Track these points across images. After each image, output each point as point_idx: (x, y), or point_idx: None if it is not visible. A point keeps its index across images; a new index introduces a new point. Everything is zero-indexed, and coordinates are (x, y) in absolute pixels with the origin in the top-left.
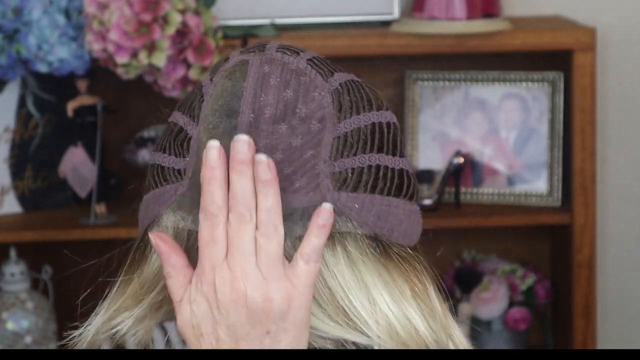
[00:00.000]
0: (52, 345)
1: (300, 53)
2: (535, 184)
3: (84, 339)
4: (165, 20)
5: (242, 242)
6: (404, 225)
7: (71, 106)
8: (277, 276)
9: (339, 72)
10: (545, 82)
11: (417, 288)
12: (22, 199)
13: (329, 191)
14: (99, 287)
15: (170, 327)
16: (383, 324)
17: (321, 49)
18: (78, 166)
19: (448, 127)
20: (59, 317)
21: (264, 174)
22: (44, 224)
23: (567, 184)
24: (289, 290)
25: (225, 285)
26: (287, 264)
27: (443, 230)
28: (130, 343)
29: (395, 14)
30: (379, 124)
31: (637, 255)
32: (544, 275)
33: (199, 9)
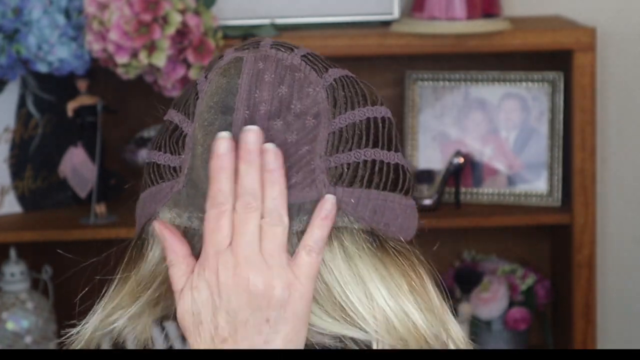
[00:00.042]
0: (52, 345)
1: (295, 49)
2: (535, 184)
3: (81, 337)
4: (165, 20)
5: (247, 229)
6: (400, 219)
7: (71, 106)
8: (280, 265)
9: (333, 67)
10: (545, 82)
11: (414, 282)
12: (22, 199)
13: (325, 186)
14: (97, 286)
15: (169, 325)
16: (380, 319)
17: (321, 49)
18: (78, 166)
19: (448, 127)
20: (59, 317)
21: (271, 163)
22: (44, 224)
23: (567, 184)
24: (290, 279)
25: (228, 269)
26: (288, 256)
27: (443, 230)
28: (130, 341)
29: (395, 14)
30: (374, 119)
31: (637, 255)
32: (544, 275)
33: (199, 9)
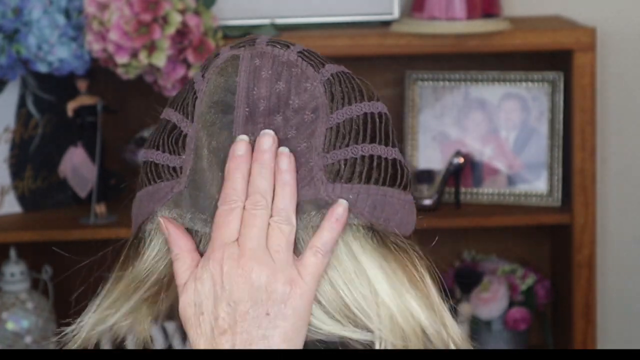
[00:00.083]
0: (52, 345)
1: (290, 46)
2: (535, 184)
3: (78, 335)
4: (165, 20)
5: (255, 225)
6: (400, 214)
7: (71, 106)
8: (285, 261)
9: (329, 63)
10: (545, 82)
11: (414, 278)
12: (22, 199)
13: (322, 184)
14: (94, 285)
15: (169, 325)
16: (384, 316)
17: (321, 49)
18: (78, 166)
19: (448, 127)
20: (59, 317)
21: (284, 164)
22: (44, 224)
23: (567, 184)
24: (294, 277)
25: (233, 260)
26: (294, 256)
27: (443, 230)
28: (129, 340)
29: (395, 14)
30: (371, 114)
31: (637, 255)
32: (544, 275)
33: (199, 9)
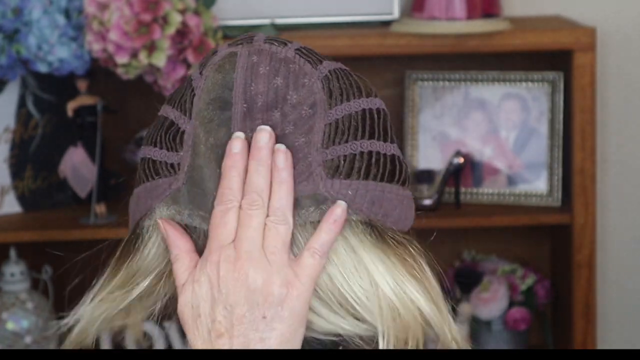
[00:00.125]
0: (52, 345)
1: (288, 44)
2: (535, 184)
3: (75, 326)
4: (165, 20)
5: (251, 225)
6: (398, 210)
7: (71, 106)
8: (281, 262)
9: (326, 60)
10: (545, 82)
11: (415, 271)
12: (22, 199)
13: (321, 179)
14: (90, 281)
15: (169, 325)
16: (385, 308)
17: (321, 49)
18: (78, 166)
19: (448, 127)
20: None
21: (281, 162)
22: (44, 224)
23: (567, 184)
24: (290, 278)
25: (229, 263)
26: (291, 256)
27: (443, 230)
28: (126, 336)
29: (395, 14)
30: (369, 110)
31: (637, 255)
32: (544, 275)
33: (199, 9)
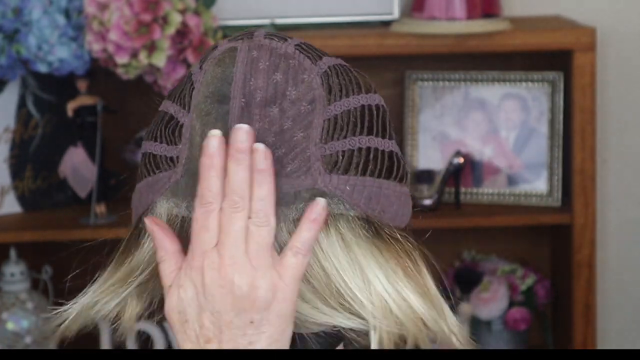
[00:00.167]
0: (52, 345)
1: (288, 39)
2: (535, 184)
3: (67, 315)
4: (165, 20)
5: (233, 229)
6: (395, 206)
7: (71, 106)
8: (265, 265)
9: (326, 56)
10: (545, 82)
11: (409, 268)
12: (22, 199)
13: (320, 174)
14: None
15: (169, 326)
16: (378, 304)
17: (321, 48)
18: (78, 166)
19: (448, 127)
20: None
21: (260, 163)
22: (44, 224)
23: (567, 184)
24: (275, 280)
25: (213, 270)
26: (275, 256)
27: (443, 230)
28: (120, 332)
29: (395, 14)
30: (368, 106)
31: (637, 255)
32: (544, 275)
33: (199, 9)
